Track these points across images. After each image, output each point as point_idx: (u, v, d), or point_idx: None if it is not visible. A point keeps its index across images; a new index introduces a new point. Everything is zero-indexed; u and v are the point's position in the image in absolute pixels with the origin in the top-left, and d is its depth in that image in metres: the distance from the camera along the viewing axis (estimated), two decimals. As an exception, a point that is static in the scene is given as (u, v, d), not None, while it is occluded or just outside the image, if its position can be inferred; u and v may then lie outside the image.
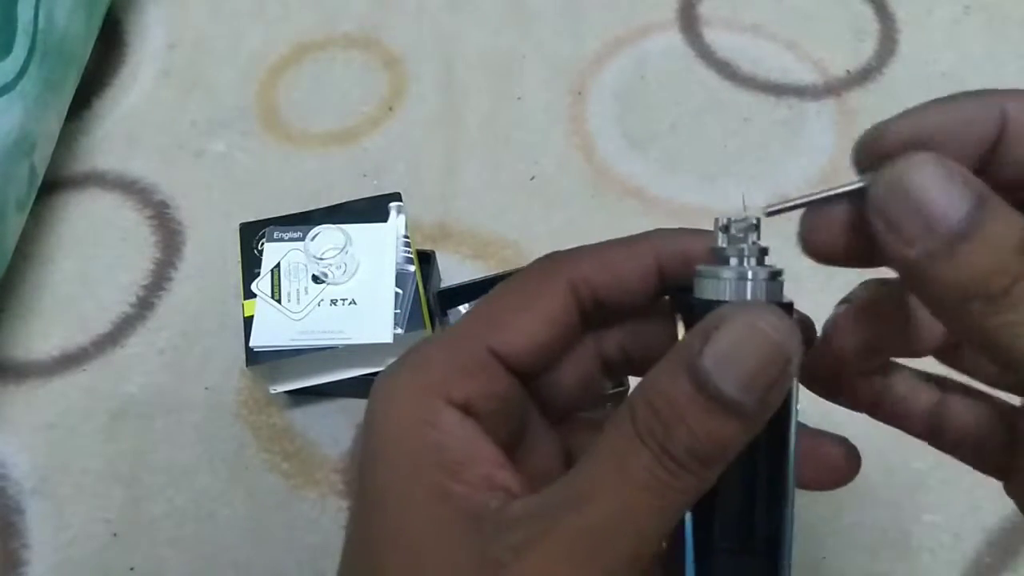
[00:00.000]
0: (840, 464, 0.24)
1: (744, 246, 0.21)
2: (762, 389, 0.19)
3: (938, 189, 0.18)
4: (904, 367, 0.26)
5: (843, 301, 0.25)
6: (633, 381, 0.27)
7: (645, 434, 0.19)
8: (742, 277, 0.21)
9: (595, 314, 0.25)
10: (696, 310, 0.21)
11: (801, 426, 0.23)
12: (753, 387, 0.19)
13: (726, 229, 0.22)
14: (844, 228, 0.21)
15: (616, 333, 0.26)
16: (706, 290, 0.21)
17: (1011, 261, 0.17)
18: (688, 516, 0.21)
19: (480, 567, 0.20)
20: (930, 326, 0.23)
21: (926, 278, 0.18)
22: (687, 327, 0.22)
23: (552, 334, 0.24)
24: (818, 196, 0.21)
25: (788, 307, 0.21)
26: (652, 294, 0.24)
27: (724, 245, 0.22)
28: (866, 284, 0.24)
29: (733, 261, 0.21)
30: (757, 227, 0.22)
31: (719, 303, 0.21)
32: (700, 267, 0.22)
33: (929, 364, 0.26)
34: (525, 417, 0.25)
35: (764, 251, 0.22)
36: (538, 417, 0.26)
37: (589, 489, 0.20)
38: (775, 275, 0.21)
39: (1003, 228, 0.18)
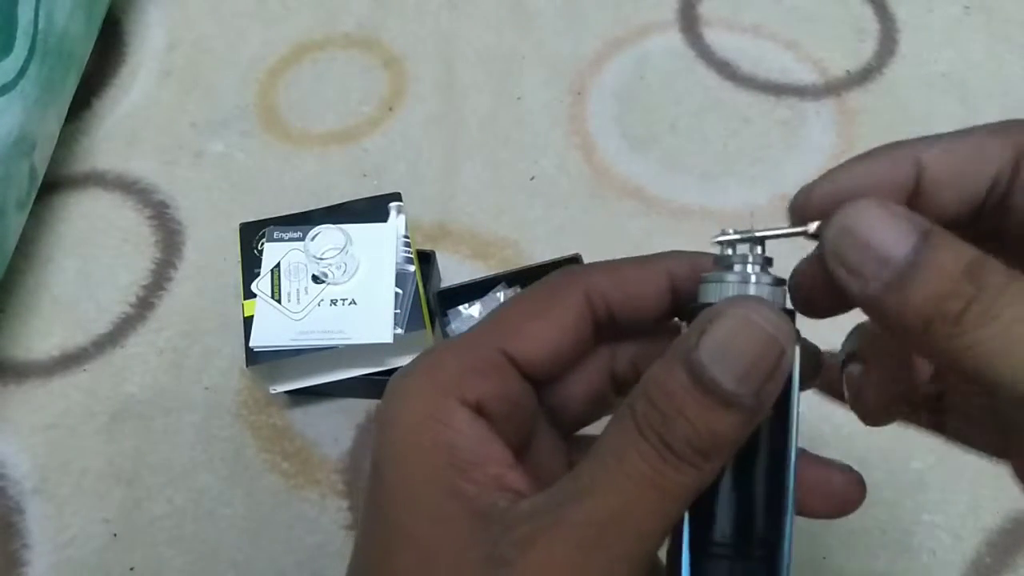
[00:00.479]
0: (846, 493, 0.25)
1: (747, 255, 0.22)
2: (758, 381, 0.19)
3: (884, 227, 0.19)
4: None
5: (851, 359, 0.26)
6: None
7: (644, 427, 0.19)
8: (744, 281, 0.21)
9: (608, 327, 0.25)
10: (697, 314, 0.21)
11: (806, 452, 0.23)
12: (749, 379, 0.19)
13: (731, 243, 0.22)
14: (825, 283, 0.22)
15: (628, 350, 0.26)
16: (709, 295, 0.22)
17: (960, 286, 0.18)
18: (685, 517, 0.21)
19: (487, 565, 0.20)
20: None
21: (888, 311, 0.19)
22: None
23: (565, 342, 0.24)
24: (769, 233, 0.22)
25: (790, 315, 0.22)
26: (665, 314, 0.25)
27: (728, 254, 0.22)
28: (862, 334, 0.26)
29: (737, 267, 0.22)
30: (762, 241, 0.22)
31: None
32: (705, 274, 0.22)
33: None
34: (534, 424, 0.25)
35: (768, 260, 0.22)
36: (547, 426, 0.26)
37: (590, 484, 0.20)
38: (779, 282, 0.22)
39: (950, 255, 0.19)
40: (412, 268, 0.50)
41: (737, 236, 0.22)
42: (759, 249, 0.22)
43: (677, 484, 0.19)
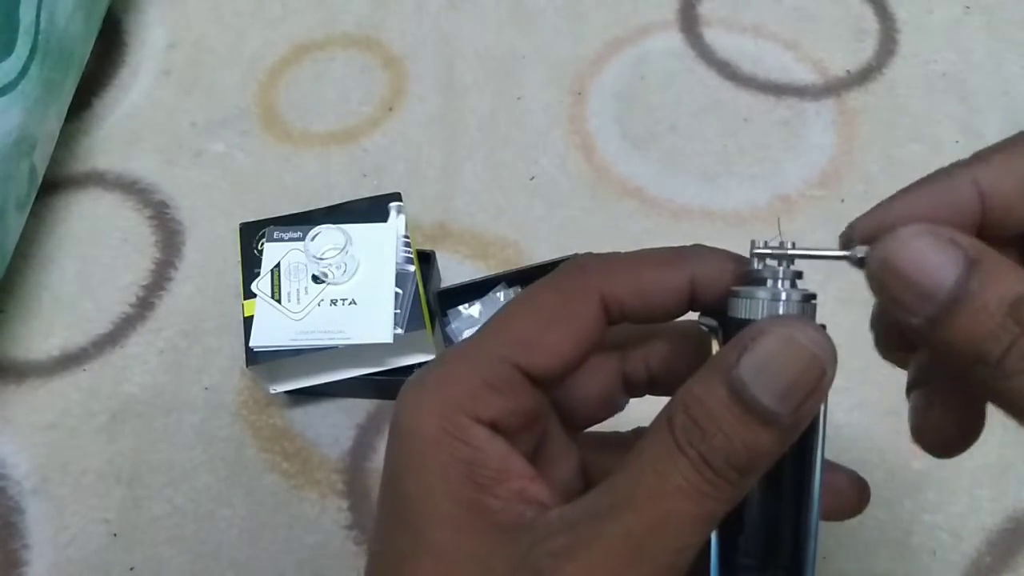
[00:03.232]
0: (850, 497, 0.25)
1: (779, 269, 0.22)
2: (798, 400, 0.19)
3: (926, 259, 0.19)
4: None
5: (914, 384, 0.25)
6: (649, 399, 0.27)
7: (683, 442, 0.20)
8: (776, 298, 0.21)
9: (618, 322, 0.25)
10: (730, 328, 0.21)
11: None
12: (789, 398, 0.19)
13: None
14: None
15: (640, 350, 0.26)
16: (740, 310, 0.22)
17: (1001, 328, 0.18)
18: (713, 531, 0.21)
19: (517, 574, 0.20)
20: None
21: (933, 345, 0.19)
22: (721, 344, 0.22)
23: (580, 351, 0.24)
24: (812, 253, 0.22)
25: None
26: (680, 312, 0.24)
27: (759, 268, 0.22)
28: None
29: (768, 283, 0.22)
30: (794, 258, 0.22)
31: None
32: (735, 288, 0.22)
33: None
34: (547, 426, 0.25)
35: (798, 275, 0.22)
36: (556, 424, 0.26)
37: (630, 496, 0.20)
38: (808, 298, 0.22)
39: (994, 292, 0.18)
40: (412, 268, 0.50)
41: (772, 251, 0.22)
42: (791, 263, 0.22)
43: (714, 499, 0.19)
